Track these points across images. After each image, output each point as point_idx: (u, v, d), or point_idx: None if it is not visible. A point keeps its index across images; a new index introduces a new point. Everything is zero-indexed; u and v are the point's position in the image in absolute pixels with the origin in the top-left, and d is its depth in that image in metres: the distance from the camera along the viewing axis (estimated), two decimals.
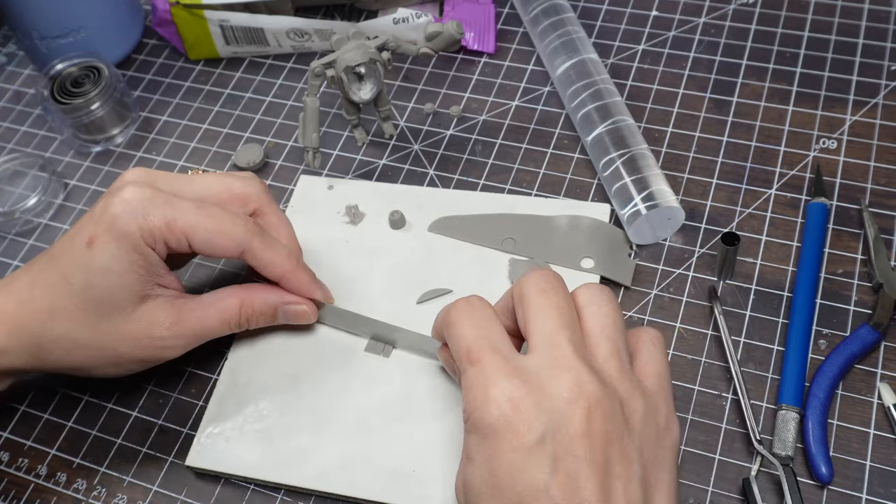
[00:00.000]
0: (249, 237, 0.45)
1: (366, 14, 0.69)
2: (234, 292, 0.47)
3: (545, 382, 0.35)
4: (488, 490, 0.35)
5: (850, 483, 0.44)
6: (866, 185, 0.54)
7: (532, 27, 0.63)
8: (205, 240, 0.44)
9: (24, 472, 0.50)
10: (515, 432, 0.34)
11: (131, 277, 0.44)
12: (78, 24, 0.65)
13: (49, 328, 0.44)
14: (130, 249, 0.43)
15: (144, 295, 0.45)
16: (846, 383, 0.47)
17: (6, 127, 0.68)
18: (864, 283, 0.50)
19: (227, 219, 0.45)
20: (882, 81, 0.59)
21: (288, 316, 0.49)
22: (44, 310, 0.44)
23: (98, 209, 0.44)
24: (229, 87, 0.67)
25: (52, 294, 0.44)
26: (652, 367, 0.39)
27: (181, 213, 0.44)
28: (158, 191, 0.44)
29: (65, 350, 0.45)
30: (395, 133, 0.61)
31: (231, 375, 0.50)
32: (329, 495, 0.46)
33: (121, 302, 0.44)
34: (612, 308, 0.39)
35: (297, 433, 0.47)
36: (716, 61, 0.62)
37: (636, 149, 0.54)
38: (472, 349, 0.37)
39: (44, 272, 0.45)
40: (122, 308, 0.44)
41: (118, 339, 0.45)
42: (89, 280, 0.43)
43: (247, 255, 0.45)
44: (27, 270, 0.46)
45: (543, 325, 0.38)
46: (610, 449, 0.35)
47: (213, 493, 0.47)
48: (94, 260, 0.43)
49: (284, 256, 0.47)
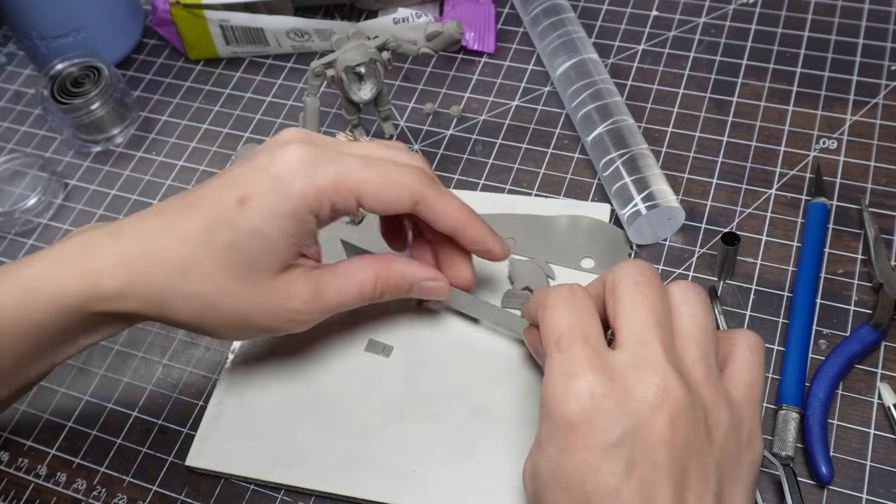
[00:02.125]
0: (422, 186, 0.42)
1: (366, 14, 0.69)
2: (369, 264, 0.45)
3: (630, 382, 0.34)
4: (556, 482, 0.34)
5: (851, 483, 0.44)
6: (866, 185, 0.54)
7: (532, 27, 0.63)
8: (375, 194, 0.41)
9: (24, 472, 0.50)
10: (593, 429, 0.33)
11: (281, 245, 0.41)
12: (78, 24, 0.65)
13: (179, 283, 0.41)
14: (287, 215, 0.40)
15: (288, 265, 0.42)
16: (846, 383, 0.47)
17: (6, 127, 0.68)
18: (865, 283, 0.50)
19: (396, 169, 0.42)
20: (882, 81, 0.59)
21: (423, 291, 0.46)
22: (176, 263, 0.41)
23: (257, 165, 0.41)
24: (229, 87, 0.67)
25: (190, 248, 0.41)
26: (743, 377, 0.37)
27: (349, 168, 0.40)
28: (322, 147, 0.41)
29: (192, 309, 0.42)
30: (395, 133, 0.61)
31: (231, 375, 0.50)
32: (329, 495, 0.46)
33: (263, 268, 0.41)
34: (704, 309, 0.37)
35: (297, 433, 0.47)
36: (716, 61, 0.62)
37: (636, 149, 0.54)
38: (563, 336, 0.36)
39: (180, 221, 0.41)
40: (263, 275, 0.41)
41: (252, 307, 0.42)
42: (235, 240, 0.40)
43: (420, 207, 0.42)
44: (157, 215, 0.42)
45: (635, 320, 0.36)
46: (688, 460, 0.33)
47: (213, 493, 0.47)
48: (245, 220, 0.40)
49: (459, 205, 0.44)
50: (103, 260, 0.41)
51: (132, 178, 0.63)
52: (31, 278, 0.41)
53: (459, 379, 0.48)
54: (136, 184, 0.62)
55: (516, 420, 0.46)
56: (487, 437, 0.46)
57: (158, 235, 0.41)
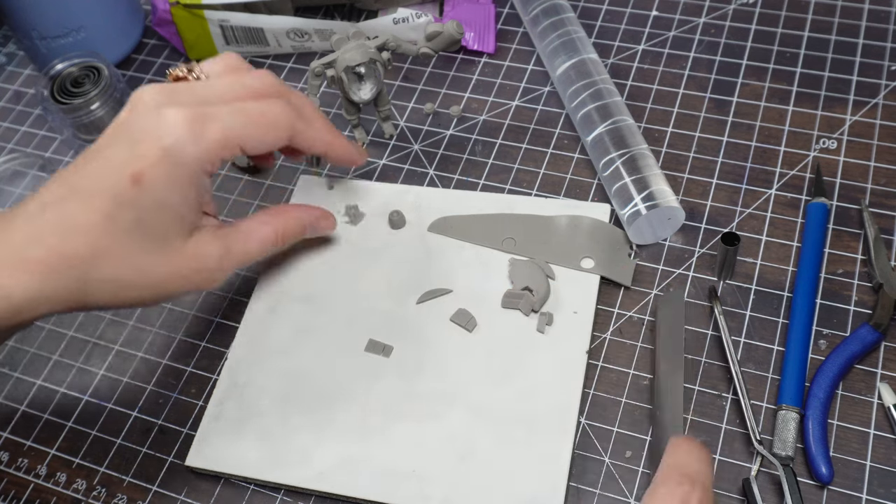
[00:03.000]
0: (293, 120, 0.45)
1: (366, 14, 0.69)
2: (267, 220, 0.48)
3: None
4: None
5: (850, 483, 0.44)
6: (866, 185, 0.54)
7: (532, 27, 0.63)
8: (257, 140, 0.43)
9: (24, 472, 0.50)
10: None
11: (185, 210, 0.42)
12: (78, 24, 0.65)
13: (91, 275, 0.40)
14: (186, 181, 0.41)
15: (195, 227, 0.43)
16: (846, 383, 0.47)
17: (6, 127, 0.68)
18: (864, 283, 0.50)
19: (269, 111, 0.44)
20: (882, 81, 0.59)
21: (316, 230, 0.52)
22: (85, 255, 0.40)
23: (136, 138, 0.41)
24: None
25: (95, 237, 0.40)
26: None
27: (230, 124, 0.42)
28: (197, 107, 0.42)
29: (110, 293, 0.41)
30: (395, 133, 0.61)
31: (231, 375, 0.50)
32: (329, 495, 0.46)
33: (172, 237, 0.42)
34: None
35: (297, 433, 0.47)
36: (716, 61, 0.62)
37: (636, 149, 0.54)
38: None
39: (75, 213, 0.40)
40: (173, 243, 0.42)
41: (168, 274, 0.42)
42: (140, 217, 0.40)
43: (294, 139, 0.45)
44: (50, 208, 0.41)
45: None
46: None
47: (213, 493, 0.47)
48: (145, 196, 0.40)
49: (325, 130, 0.48)
50: (5, 271, 0.39)
51: None
52: None
53: (459, 379, 0.48)
54: None
55: (516, 420, 0.46)
56: (487, 437, 0.46)
57: (58, 233, 0.40)
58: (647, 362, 0.49)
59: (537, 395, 0.47)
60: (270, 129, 0.44)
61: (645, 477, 0.45)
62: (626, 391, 0.48)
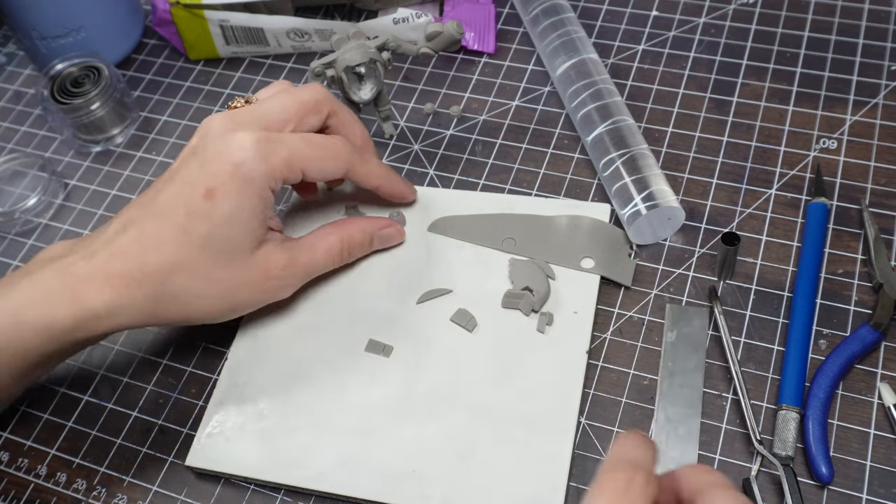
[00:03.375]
0: (351, 155, 0.48)
1: (366, 14, 0.69)
2: (332, 231, 0.50)
3: None
4: None
5: (851, 483, 0.44)
6: (866, 185, 0.54)
7: (532, 27, 0.63)
8: (319, 169, 0.47)
9: (24, 472, 0.50)
10: None
11: (254, 223, 0.45)
12: (78, 24, 0.65)
13: (166, 288, 0.44)
14: (254, 195, 0.44)
15: (262, 240, 0.46)
16: (846, 383, 0.47)
17: (6, 127, 0.68)
18: (865, 283, 0.50)
19: (330, 144, 0.47)
20: (882, 81, 0.59)
21: (383, 240, 0.53)
22: (163, 267, 0.44)
23: (209, 158, 0.44)
24: (229, 87, 0.67)
25: (171, 250, 0.44)
26: None
27: (294, 149, 0.45)
28: (264, 131, 0.45)
29: (184, 304, 0.45)
30: (395, 133, 0.61)
31: (231, 375, 0.50)
32: (329, 495, 0.46)
33: (242, 249, 0.45)
34: None
35: (297, 433, 0.47)
36: (716, 61, 0.62)
37: (636, 149, 0.54)
38: None
39: (152, 230, 0.44)
40: (243, 255, 0.45)
41: (238, 285, 0.46)
42: (212, 231, 0.44)
43: (350, 173, 0.49)
44: (128, 226, 0.45)
45: None
46: None
47: (213, 493, 0.47)
48: (217, 210, 0.43)
49: (378, 165, 0.51)
50: (87, 284, 0.43)
51: (132, 178, 0.63)
52: (20, 305, 0.43)
53: (459, 379, 0.48)
54: (136, 184, 0.62)
55: (516, 420, 0.46)
56: (487, 437, 0.46)
57: (136, 249, 0.44)
58: (647, 362, 0.49)
59: (537, 395, 0.47)
60: (330, 160, 0.47)
61: None
62: (626, 391, 0.48)
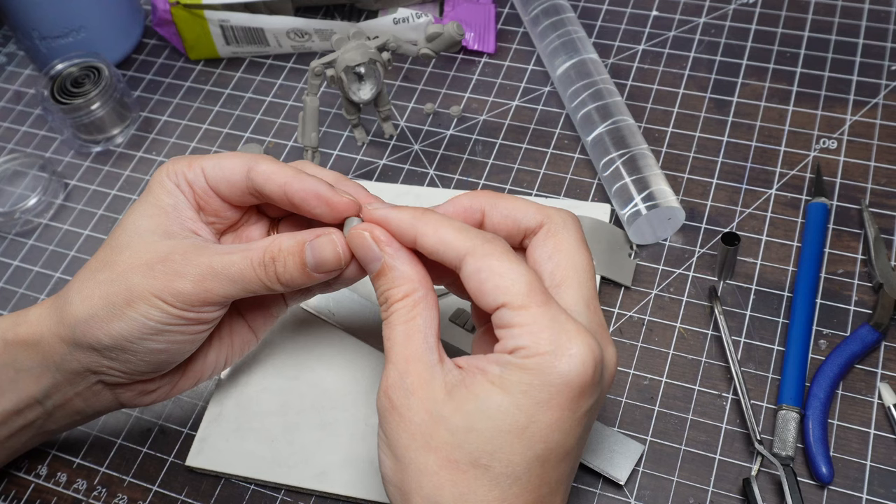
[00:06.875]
0: (252, 157, 0.43)
1: (366, 14, 0.69)
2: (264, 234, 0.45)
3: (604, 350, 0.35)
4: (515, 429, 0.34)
5: (851, 483, 0.44)
6: (866, 185, 0.54)
7: (532, 27, 0.63)
8: (215, 165, 0.42)
9: (24, 472, 0.50)
10: (580, 396, 0.34)
11: (158, 216, 0.42)
12: (78, 24, 0.65)
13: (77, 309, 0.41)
14: (159, 192, 0.42)
15: (171, 232, 0.42)
16: (846, 383, 0.47)
17: (6, 127, 0.68)
18: (865, 283, 0.50)
19: (237, 153, 0.44)
20: (882, 81, 0.59)
21: (315, 251, 0.40)
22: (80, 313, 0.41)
23: None
24: (229, 87, 0.67)
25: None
26: None
27: (199, 156, 0.44)
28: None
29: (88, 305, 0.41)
30: (395, 133, 0.61)
31: (231, 376, 0.50)
32: (329, 495, 0.46)
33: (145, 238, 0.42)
34: None
35: (297, 433, 0.47)
36: (716, 61, 0.62)
37: (636, 149, 0.54)
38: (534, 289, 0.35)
39: None
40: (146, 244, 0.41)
41: (130, 267, 0.40)
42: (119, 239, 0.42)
43: (252, 172, 0.42)
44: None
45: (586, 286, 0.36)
46: None
47: (213, 493, 0.47)
48: (128, 217, 0.42)
49: (283, 166, 0.42)
50: None
51: (132, 178, 0.63)
52: None
53: None
54: (136, 184, 0.62)
55: None
56: None
57: None
58: (647, 362, 0.49)
59: None
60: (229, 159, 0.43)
61: (646, 477, 0.45)
62: (626, 391, 0.48)
